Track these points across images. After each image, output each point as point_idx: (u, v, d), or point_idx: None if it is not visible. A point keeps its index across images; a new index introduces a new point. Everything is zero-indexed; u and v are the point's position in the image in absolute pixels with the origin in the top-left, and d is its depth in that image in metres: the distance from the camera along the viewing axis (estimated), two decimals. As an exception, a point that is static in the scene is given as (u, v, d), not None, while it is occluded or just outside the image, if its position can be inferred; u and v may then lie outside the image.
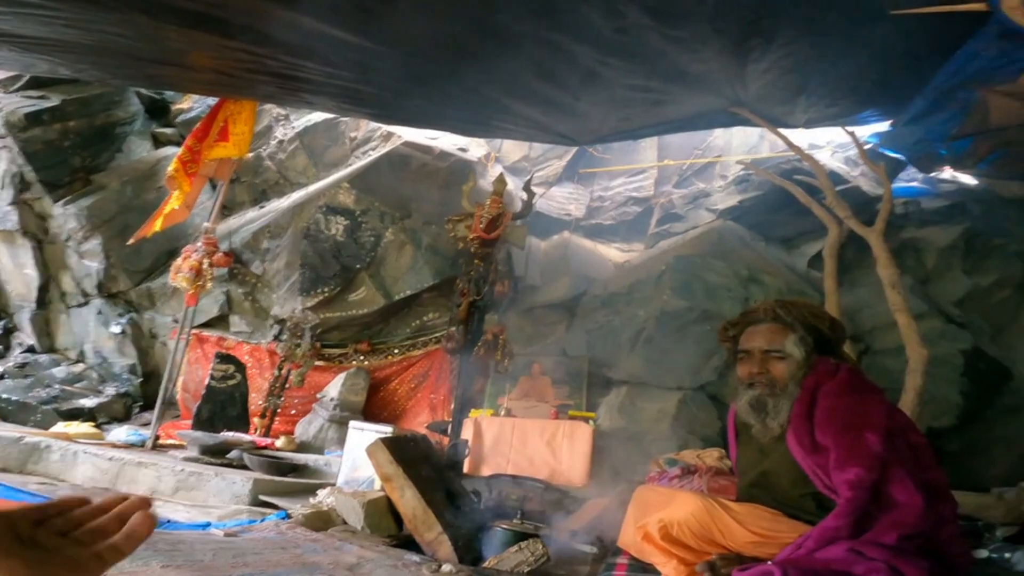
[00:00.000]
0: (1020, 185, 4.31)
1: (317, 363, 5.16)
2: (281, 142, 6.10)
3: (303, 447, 4.34)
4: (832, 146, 5.20)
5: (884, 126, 4.18)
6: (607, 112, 4.01)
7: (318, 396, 4.88)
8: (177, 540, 1.81)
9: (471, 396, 4.40)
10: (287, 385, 4.93)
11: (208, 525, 2.20)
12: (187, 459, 3.31)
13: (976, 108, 3.43)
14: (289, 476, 3.21)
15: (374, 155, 5.69)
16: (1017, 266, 4.43)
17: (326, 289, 5.37)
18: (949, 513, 1.61)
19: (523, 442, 4.09)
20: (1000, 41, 2.50)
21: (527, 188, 4.67)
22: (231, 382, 4.28)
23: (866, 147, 4.30)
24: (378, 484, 2.54)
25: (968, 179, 4.72)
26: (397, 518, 2.45)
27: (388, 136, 5.85)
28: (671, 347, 4.57)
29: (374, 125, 5.88)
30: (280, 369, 4.93)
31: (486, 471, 3.96)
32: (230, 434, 3.76)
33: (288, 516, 2.41)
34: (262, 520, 2.31)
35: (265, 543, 1.95)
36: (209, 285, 4.60)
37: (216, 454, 3.33)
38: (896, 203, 4.29)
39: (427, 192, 5.63)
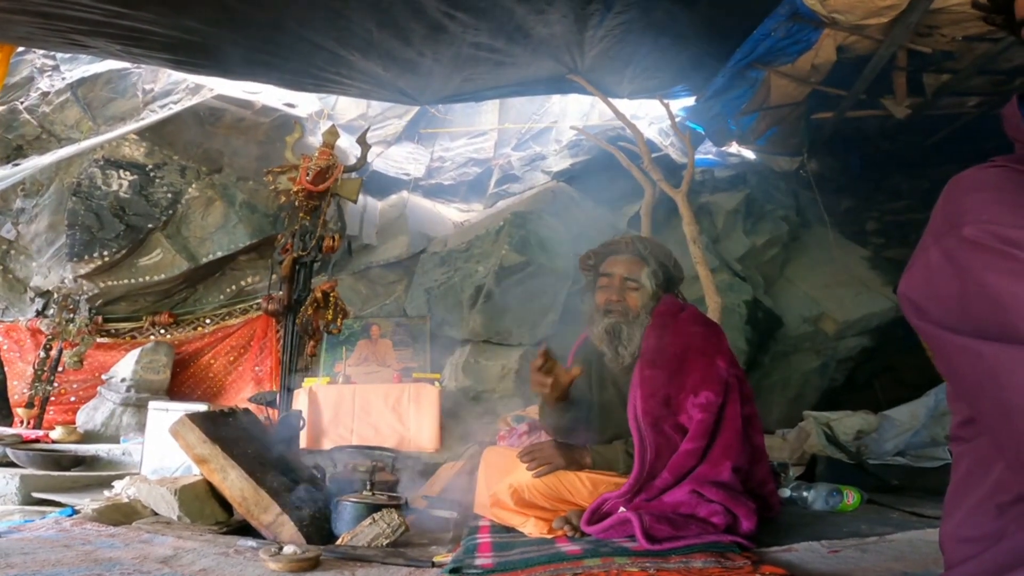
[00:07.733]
0: (787, 160, 5.19)
1: (100, 340, 4.30)
2: (46, 94, 4.86)
3: (90, 437, 3.68)
4: (649, 118, 5.73)
5: (691, 101, 4.67)
6: (451, 71, 3.88)
7: (104, 378, 4.08)
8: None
9: (303, 364, 4.02)
10: (60, 368, 4.02)
11: (-36, 530, 1.69)
12: (-78, 460, 2.62)
13: (761, 87, 3.99)
14: (75, 471, 2.63)
15: (176, 108, 4.81)
16: (783, 228, 5.37)
17: (106, 253, 4.44)
18: (760, 445, 1.78)
19: (366, 410, 3.85)
20: (789, 22, 2.89)
21: (361, 140, 4.32)
22: (-22, 369, 3.36)
23: (676, 119, 4.80)
24: (196, 470, 2.18)
25: (749, 154, 5.56)
26: (225, 504, 2.13)
27: (196, 89, 4.93)
28: (510, 303, 4.66)
29: (178, 76, 4.91)
30: (47, 350, 3.99)
31: (328, 444, 3.66)
32: (-18, 430, 3.02)
33: (76, 512, 1.94)
34: (42, 519, 1.83)
35: (40, 542, 1.54)
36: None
37: (-36, 453, 2.66)
38: (696, 172, 4.86)
39: (244, 147, 4.93)
